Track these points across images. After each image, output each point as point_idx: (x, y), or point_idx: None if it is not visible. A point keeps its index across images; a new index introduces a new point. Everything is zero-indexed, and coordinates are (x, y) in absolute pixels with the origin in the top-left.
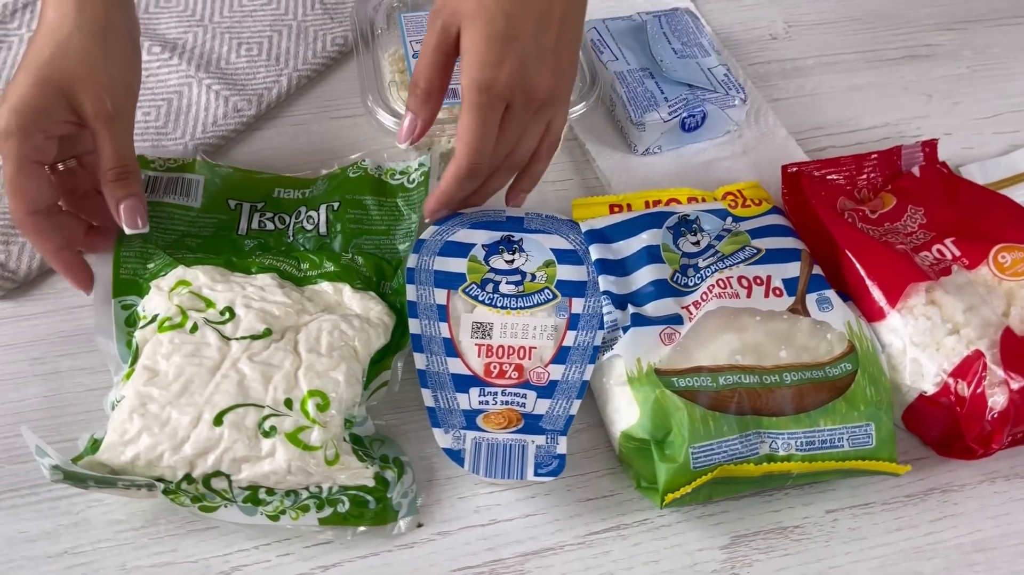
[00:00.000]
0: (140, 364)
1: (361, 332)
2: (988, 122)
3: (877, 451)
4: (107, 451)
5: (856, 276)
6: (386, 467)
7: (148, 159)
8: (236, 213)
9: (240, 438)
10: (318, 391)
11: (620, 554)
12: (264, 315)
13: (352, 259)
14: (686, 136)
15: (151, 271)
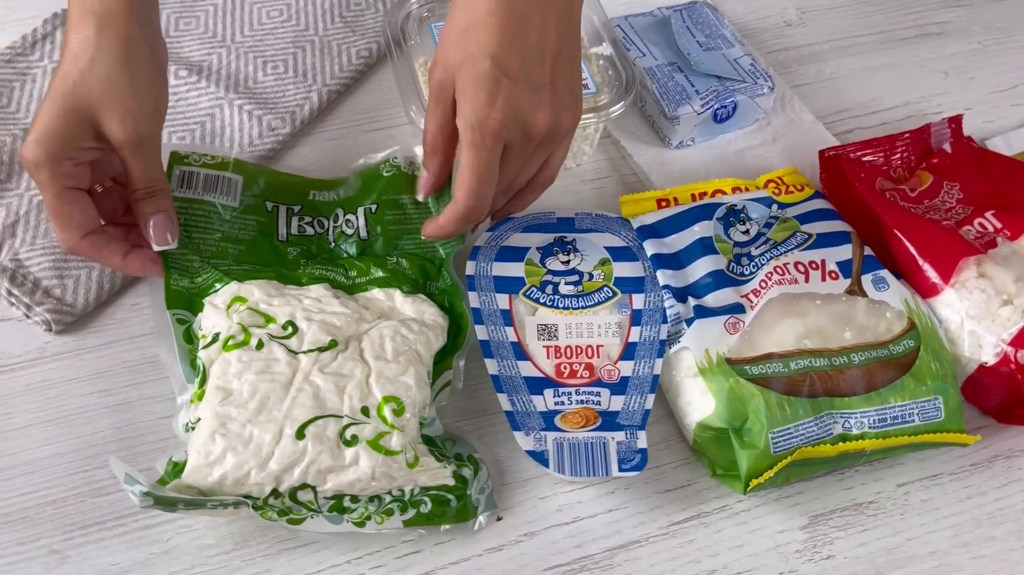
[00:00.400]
0: (211, 385)
1: (421, 335)
2: (1005, 95)
3: (947, 423)
4: (193, 473)
5: (907, 254)
6: (462, 465)
7: (182, 154)
8: (274, 216)
9: (324, 449)
10: (392, 396)
11: (704, 542)
12: (326, 326)
13: (397, 263)
14: (717, 127)
15: (200, 286)
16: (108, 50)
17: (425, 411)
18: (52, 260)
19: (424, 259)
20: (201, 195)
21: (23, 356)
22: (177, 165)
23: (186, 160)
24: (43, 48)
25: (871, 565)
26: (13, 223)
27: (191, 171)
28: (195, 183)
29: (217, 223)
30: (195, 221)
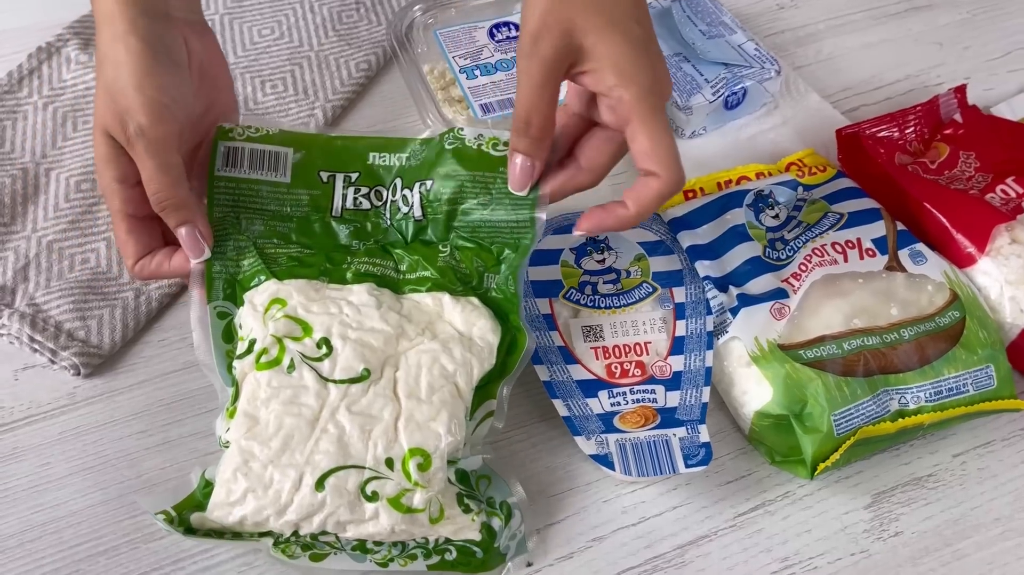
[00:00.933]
0: (241, 409)
1: (463, 365)
2: (1000, 62)
3: (1000, 391)
4: (216, 510)
5: (939, 226)
6: (492, 514)
7: (227, 128)
8: (329, 187)
9: (343, 503)
10: (419, 450)
11: (772, 530)
12: (361, 349)
13: (450, 255)
14: (728, 114)
15: (243, 272)
16: (108, 56)
17: (458, 452)
18: (72, 301)
19: (480, 249)
20: (248, 174)
21: (53, 403)
22: (222, 141)
23: (231, 134)
24: (31, 84)
25: (939, 538)
26: (24, 267)
27: (236, 146)
28: (240, 160)
29: (266, 203)
30: (243, 202)
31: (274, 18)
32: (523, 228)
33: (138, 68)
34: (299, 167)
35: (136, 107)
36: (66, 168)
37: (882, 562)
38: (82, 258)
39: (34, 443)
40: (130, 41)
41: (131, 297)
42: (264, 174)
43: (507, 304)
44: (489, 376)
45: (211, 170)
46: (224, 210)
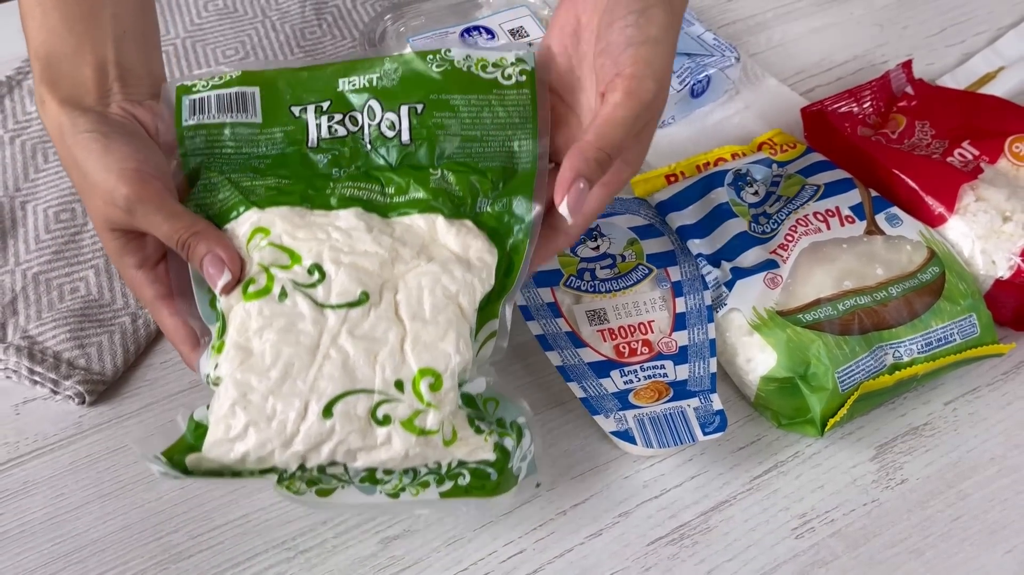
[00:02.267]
0: (231, 341)
1: (464, 284)
2: (938, 38)
3: (983, 337)
4: (214, 448)
5: (908, 190)
6: (504, 434)
7: (188, 85)
8: (302, 121)
9: (353, 429)
10: (429, 369)
11: (787, 489)
12: (357, 272)
13: (442, 177)
14: (694, 102)
15: (220, 206)
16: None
17: (466, 374)
18: (68, 330)
19: (474, 170)
20: (216, 118)
21: (60, 434)
22: (185, 95)
23: (193, 88)
24: None
25: (942, 481)
26: (12, 301)
27: (201, 96)
28: (207, 107)
29: (241, 144)
30: (216, 146)
31: (237, 39)
32: (523, 155)
33: (95, 156)
34: (268, 105)
35: (112, 185)
36: (42, 200)
37: (893, 509)
38: (71, 287)
39: (45, 475)
40: (80, 139)
41: (128, 322)
42: (234, 116)
43: (501, 227)
44: (488, 297)
45: (178, 124)
46: (198, 159)
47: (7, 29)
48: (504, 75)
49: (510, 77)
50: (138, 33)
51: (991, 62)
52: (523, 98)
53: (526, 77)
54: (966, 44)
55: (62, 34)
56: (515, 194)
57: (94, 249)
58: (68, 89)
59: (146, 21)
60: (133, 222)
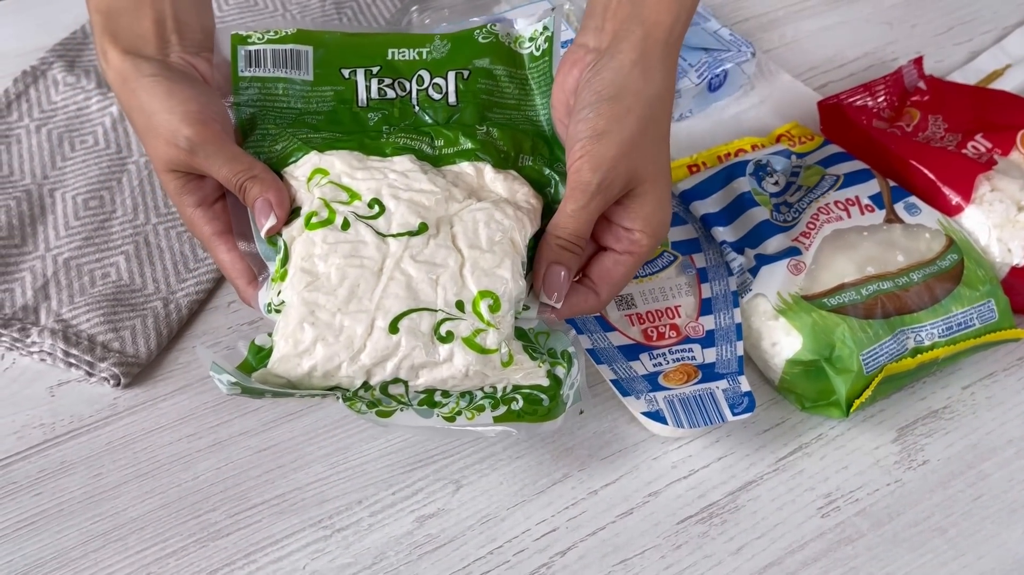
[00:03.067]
0: (296, 267)
1: (516, 221)
2: (945, 36)
3: (1001, 322)
4: (281, 363)
5: (926, 180)
6: (556, 363)
7: (244, 35)
8: (351, 82)
9: (418, 344)
10: (488, 291)
11: (812, 470)
12: (415, 207)
13: (487, 132)
14: (711, 96)
15: (279, 154)
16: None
17: (519, 304)
18: (101, 314)
19: (517, 130)
20: (271, 72)
21: (95, 415)
22: (240, 46)
23: (249, 40)
24: (20, 108)
25: (962, 462)
26: (44, 285)
27: (256, 49)
28: (263, 60)
29: (292, 99)
30: (269, 99)
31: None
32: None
33: (159, 98)
34: (320, 65)
35: (176, 127)
36: (71, 188)
37: (915, 489)
38: (102, 273)
39: (82, 455)
40: (144, 83)
41: (160, 306)
42: (288, 72)
43: (543, 179)
44: (534, 240)
45: (234, 73)
46: (251, 110)
47: (29, 22)
48: (536, 47)
49: (539, 48)
50: None
51: (998, 60)
52: (545, 66)
53: (548, 43)
54: (973, 42)
55: None
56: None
57: (123, 236)
58: (129, 40)
59: None
60: (193, 163)
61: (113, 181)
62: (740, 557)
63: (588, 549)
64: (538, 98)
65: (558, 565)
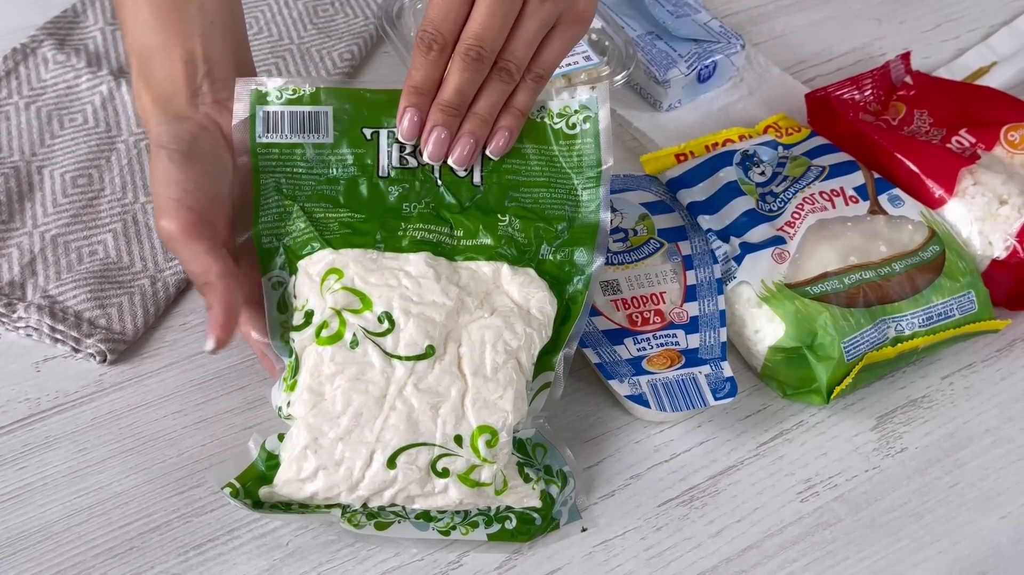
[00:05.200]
0: (304, 384)
1: (525, 339)
2: (933, 33)
3: (980, 313)
4: (286, 487)
5: (909, 173)
6: (551, 481)
7: (263, 92)
8: (373, 144)
9: (414, 479)
10: (487, 427)
11: (792, 455)
12: (424, 324)
13: (509, 224)
14: (700, 87)
15: (294, 238)
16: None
17: (520, 425)
18: (88, 291)
19: (539, 219)
20: (289, 138)
21: (81, 391)
22: (259, 106)
23: (267, 98)
24: (9, 85)
25: (939, 450)
26: (30, 261)
27: (274, 111)
28: (281, 125)
29: (311, 166)
30: (286, 167)
31: (250, 15)
32: (587, 203)
33: (158, 174)
34: (341, 125)
35: (158, 209)
36: (59, 165)
37: (893, 475)
38: (90, 250)
39: (67, 431)
40: (155, 153)
41: (147, 284)
42: (306, 137)
43: (562, 275)
44: (544, 349)
45: (251, 137)
46: (269, 177)
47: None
48: (568, 124)
49: (574, 126)
50: (225, 23)
51: (984, 57)
52: (587, 147)
53: (590, 125)
54: (960, 40)
55: (153, 27)
56: (578, 244)
57: (111, 214)
58: (161, 86)
59: (232, 10)
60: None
61: (102, 159)
62: (720, 539)
63: (570, 530)
64: (574, 178)
65: (539, 544)
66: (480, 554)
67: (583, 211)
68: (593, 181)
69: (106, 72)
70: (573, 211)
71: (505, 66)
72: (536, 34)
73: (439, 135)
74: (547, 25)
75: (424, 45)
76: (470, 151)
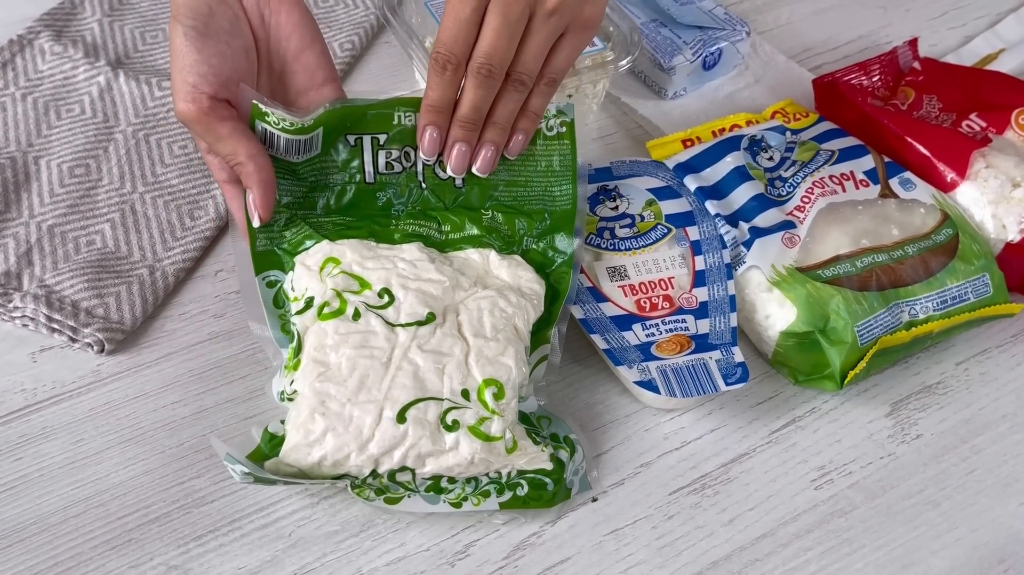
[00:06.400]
0: (308, 357)
1: (519, 308)
2: (939, 20)
3: (995, 297)
4: (293, 452)
5: (920, 157)
6: (559, 447)
7: (263, 110)
8: (358, 150)
9: (424, 434)
10: (493, 379)
11: (805, 442)
12: (423, 296)
13: (492, 217)
14: (705, 75)
15: (290, 241)
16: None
17: (523, 390)
18: (85, 280)
19: (520, 213)
20: (283, 156)
21: (78, 382)
22: (259, 120)
23: (267, 118)
24: (6, 76)
25: (955, 437)
26: (27, 251)
27: (272, 132)
28: (276, 145)
29: (302, 176)
30: (280, 171)
31: None
32: (562, 198)
33: (172, 51)
34: (329, 137)
35: (175, 91)
36: (56, 155)
37: (909, 462)
38: (87, 240)
39: (64, 421)
40: (174, 27)
41: (146, 274)
42: (298, 156)
43: (546, 262)
44: (538, 324)
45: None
46: None
47: None
48: (547, 126)
49: (552, 128)
50: None
51: (992, 44)
52: (564, 147)
53: (566, 128)
54: (967, 27)
55: None
56: (557, 231)
57: (109, 204)
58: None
59: None
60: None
61: (99, 150)
62: (732, 528)
63: (579, 519)
64: (551, 177)
65: (548, 534)
66: (487, 544)
67: (559, 203)
68: (570, 179)
69: (104, 63)
70: (551, 205)
71: (518, 78)
72: (543, 46)
73: (460, 149)
74: (555, 36)
75: (438, 66)
76: (492, 158)
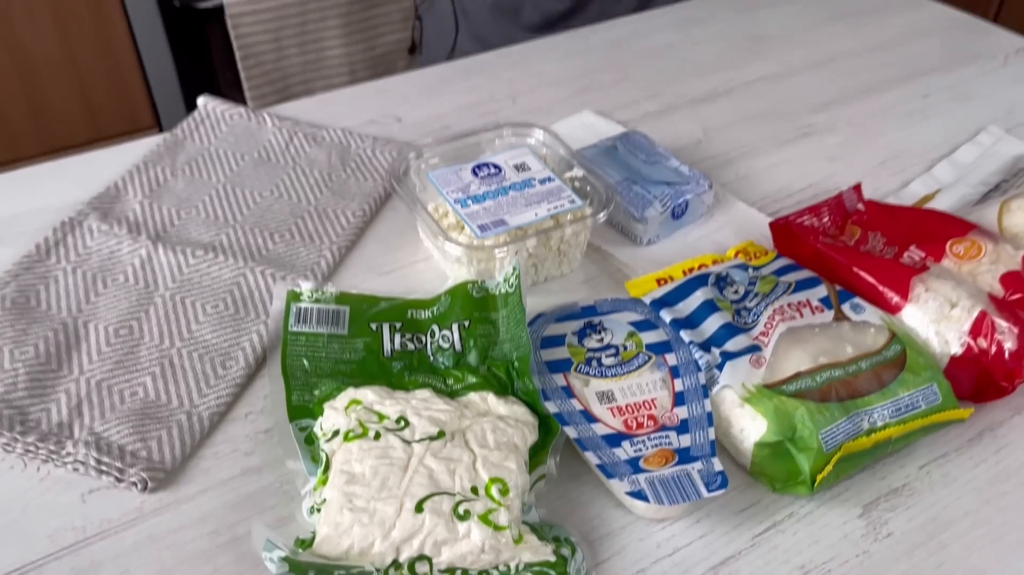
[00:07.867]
0: (336, 470)
1: (517, 430)
2: (880, 167)
3: (945, 404)
4: (324, 544)
5: (867, 285)
6: (561, 546)
7: (296, 292)
8: (378, 335)
9: (440, 522)
10: (498, 478)
11: (786, 545)
12: (434, 420)
13: (488, 370)
14: (675, 223)
15: (319, 396)
16: None
17: (525, 496)
18: (130, 427)
19: (508, 364)
20: (315, 328)
21: (122, 519)
22: (293, 302)
23: (300, 297)
24: (58, 252)
25: (924, 533)
26: (77, 404)
27: (305, 307)
28: (309, 319)
29: (330, 350)
30: (312, 349)
31: (271, 182)
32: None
33: None
34: (354, 321)
35: None
36: (103, 319)
37: (882, 559)
38: (131, 392)
39: (111, 555)
40: None
41: (184, 418)
42: (328, 328)
43: (534, 400)
44: (534, 449)
45: (284, 327)
46: (296, 359)
47: (67, 180)
48: (509, 285)
49: (512, 285)
50: None
51: (928, 185)
52: (517, 296)
53: (517, 279)
54: (905, 172)
55: None
56: (524, 375)
57: (150, 359)
58: None
59: None
60: None
61: (141, 312)
62: None
63: None
64: (513, 327)
65: None
66: None
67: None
68: (523, 322)
69: (144, 237)
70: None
71: None
72: None
73: None
74: None
75: None
76: None
